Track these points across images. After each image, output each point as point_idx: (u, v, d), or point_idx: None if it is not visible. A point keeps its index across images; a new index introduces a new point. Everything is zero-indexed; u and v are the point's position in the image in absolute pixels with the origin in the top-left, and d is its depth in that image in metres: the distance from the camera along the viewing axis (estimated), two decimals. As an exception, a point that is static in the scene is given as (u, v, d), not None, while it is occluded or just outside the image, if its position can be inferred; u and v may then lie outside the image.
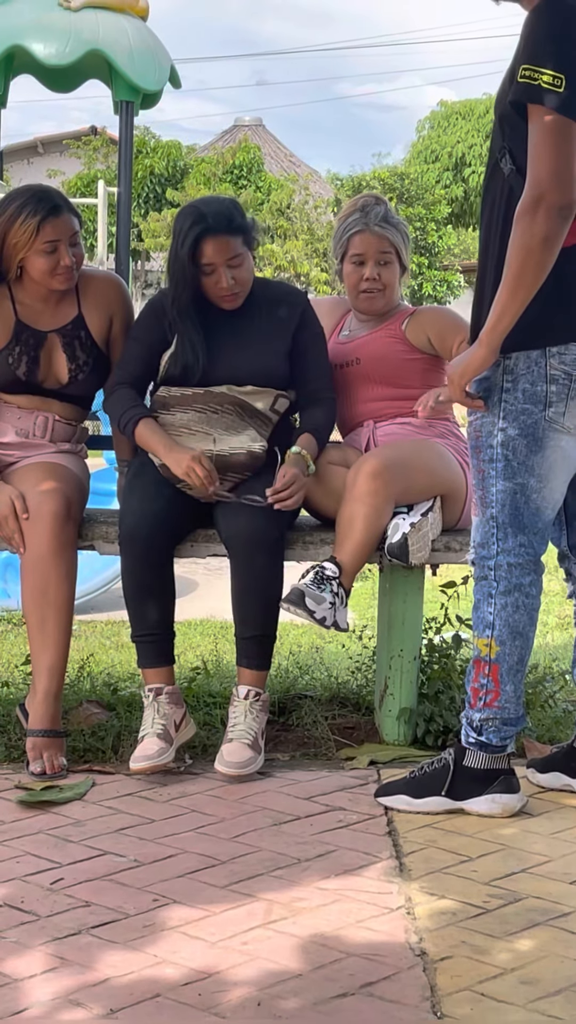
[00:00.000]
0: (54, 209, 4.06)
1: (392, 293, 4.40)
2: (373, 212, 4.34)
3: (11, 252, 4.07)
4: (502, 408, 3.44)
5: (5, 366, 4.17)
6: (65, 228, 4.07)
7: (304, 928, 2.88)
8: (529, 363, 3.41)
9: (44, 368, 4.20)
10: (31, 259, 4.07)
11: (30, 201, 4.05)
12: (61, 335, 4.21)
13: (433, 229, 25.15)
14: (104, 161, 25.67)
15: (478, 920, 2.92)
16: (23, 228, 4.02)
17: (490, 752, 3.58)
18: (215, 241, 4.00)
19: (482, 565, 3.55)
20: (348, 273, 4.37)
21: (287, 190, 24.47)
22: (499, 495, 3.48)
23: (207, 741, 4.15)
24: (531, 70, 3.20)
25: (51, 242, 4.04)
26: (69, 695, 4.41)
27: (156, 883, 3.12)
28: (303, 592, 3.87)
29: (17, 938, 2.83)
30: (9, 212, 4.05)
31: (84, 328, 4.23)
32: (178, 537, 4.06)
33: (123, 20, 9.70)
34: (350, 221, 4.36)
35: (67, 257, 4.07)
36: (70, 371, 4.22)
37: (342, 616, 3.93)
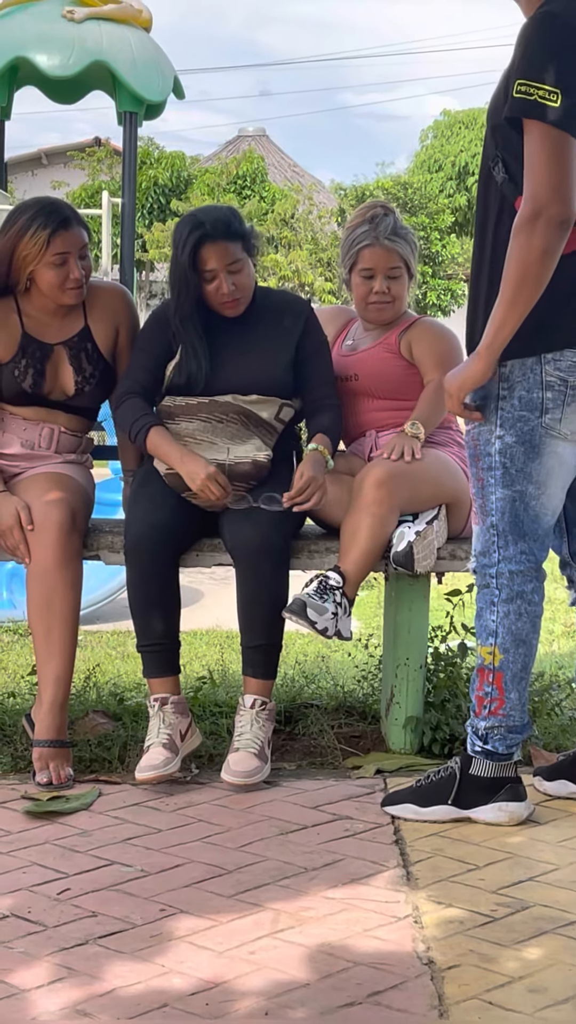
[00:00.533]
0: (64, 222, 4.06)
1: (401, 304, 4.39)
2: (383, 225, 4.31)
3: (20, 265, 4.07)
4: (499, 416, 3.44)
5: (11, 379, 4.17)
6: (75, 241, 4.07)
7: (311, 937, 2.87)
8: (525, 370, 3.41)
9: (50, 380, 4.20)
10: (40, 272, 4.07)
11: (40, 214, 4.05)
12: (67, 347, 4.21)
13: (437, 238, 25.18)
14: (108, 172, 25.70)
15: (486, 929, 2.92)
16: (33, 241, 4.02)
17: (496, 760, 3.58)
18: (214, 247, 4.01)
19: (484, 573, 3.55)
20: (357, 285, 4.36)
21: (291, 200, 24.48)
22: (498, 503, 3.48)
23: (213, 751, 4.14)
24: (527, 85, 3.21)
25: (61, 255, 4.04)
26: (75, 705, 4.41)
27: (163, 893, 3.12)
28: (304, 602, 3.87)
29: (24, 948, 2.83)
30: (19, 225, 4.05)
31: (91, 340, 4.24)
32: (183, 547, 4.06)
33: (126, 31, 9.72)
34: (359, 233, 4.33)
35: (76, 270, 4.07)
36: (76, 383, 4.22)
37: (345, 625, 3.93)
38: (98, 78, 9.81)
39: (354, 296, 4.40)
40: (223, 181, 25.73)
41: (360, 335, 4.47)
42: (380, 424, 4.33)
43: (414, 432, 4.09)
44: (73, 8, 9.62)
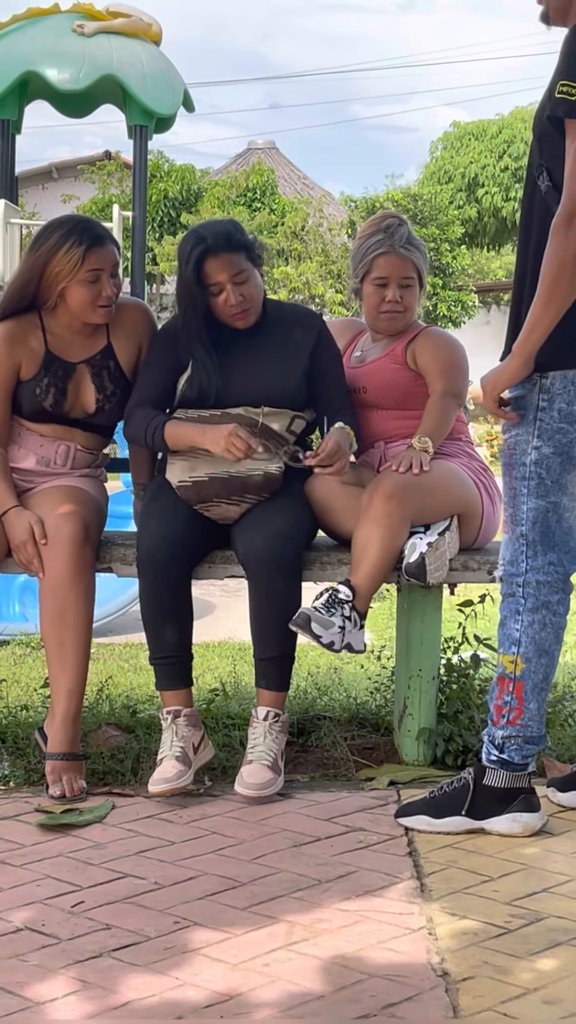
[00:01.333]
0: (98, 239, 4.06)
1: (412, 314, 4.40)
2: (398, 234, 4.32)
3: (52, 281, 4.07)
4: (537, 427, 3.44)
5: (32, 396, 4.17)
6: (108, 259, 4.07)
7: (325, 949, 2.87)
8: (565, 383, 3.42)
9: (71, 399, 4.20)
10: (72, 289, 4.07)
11: (75, 231, 4.05)
12: (90, 366, 4.21)
13: (447, 250, 25.18)
14: (118, 186, 25.77)
15: (500, 940, 2.91)
16: (67, 257, 4.02)
17: (511, 770, 3.57)
18: (217, 260, 4.02)
19: (510, 582, 3.54)
20: (369, 294, 4.37)
21: (301, 212, 24.51)
22: (530, 513, 3.48)
23: (226, 763, 4.14)
24: (569, 85, 3.21)
25: (94, 271, 4.04)
26: (88, 718, 4.41)
27: (177, 905, 3.12)
28: (309, 616, 3.84)
29: (39, 961, 2.83)
30: (52, 240, 4.05)
31: (113, 358, 4.24)
32: (196, 559, 4.06)
33: (136, 45, 9.77)
34: (373, 242, 4.34)
35: (109, 288, 4.07)
36: (97, 401, 4.22)
37: (355, 638, 3.90)
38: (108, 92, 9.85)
39: (365, 306, 4.41)
40: (233, 194, 25.78)
41: (368, 346, 4.48)
42: (389, 435, 4.33)
43: (423, 446, 4.09)
44: (83, 22, 9.67)
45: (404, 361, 4.33)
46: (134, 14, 9.93)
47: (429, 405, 4.25)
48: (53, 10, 9.88)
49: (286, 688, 4.05)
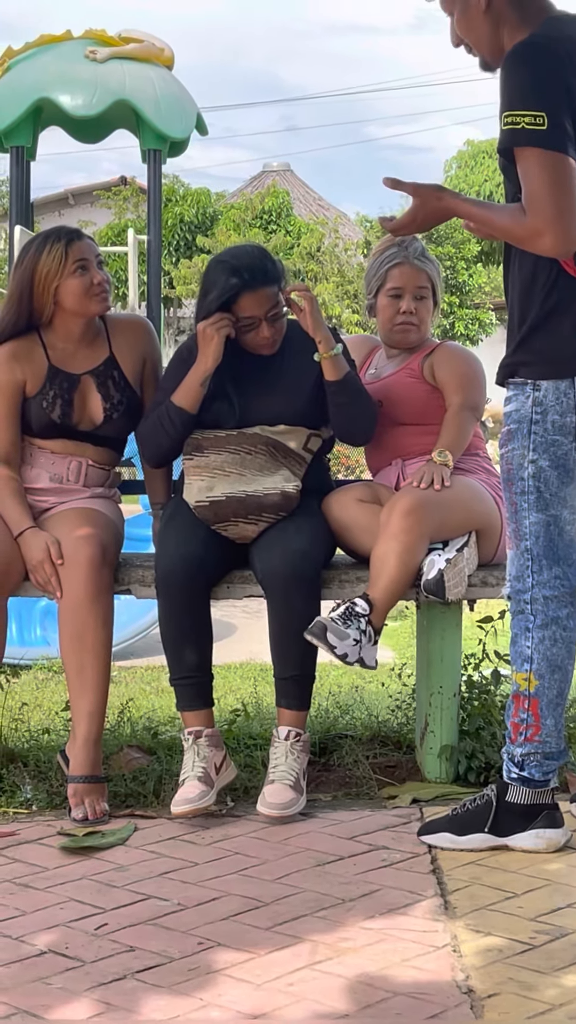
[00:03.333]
0: (75, 233, 4.21)
1: (426, 328, 4.41)
2: (412, 247, 4.37)
3: (44, 285, 4.14)
4: (532, 440, 3.44)
5: (40, 411, 4.20)
6: (89, 248, 4.19)
7: (350, 968, 2.86)
8: (558, 394, 3.41)
9: (78, 410, 4.24)
10: (65, 285, 4.14)
11: (51, 234, 4.20)
12: (94, 376, 4.25)
13: (463, 268, 25.19)
14: (134, 211, 25.84)
15: (525, 956, 2.90)
16: (52, 255, 4.12)
17: (533, 787, 3.56)
18: (254, 296, 4.04)
19: (518, 599, 3.54)
20: (383, 306, 4.39)
21: (316, 234, 24.57)
22: (532, 527, 3.48)
23: (248, 783, 4.14)
24: (512, 115, 3.25)
25: (80, 260, 4.14)
26: (109, 740, 4.41)
27: (200, 926, 3.11)
28: (326, 626, 3.84)
29: (63, 984, 2.82)
30: (34, 248, 4.17)
31: (117, 368, 4.28)
32: (214, 579, 4.06)
33: (149, 70, 9.79)
34: (388, 254, 4.37)
35: (99, 274, 4.16)
36: (105, 410, 4.25)
37: (369, 653, 3.90)
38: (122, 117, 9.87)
39: (379, 319, 4.42)
40: (248, 216, 25.84)
41: (383, 362, 4.49)
42: (406, 452, 4.33)
43: (443, 460, 4.09)
44: (95, 48, 9.69)
45: (421, 375, 4.33)
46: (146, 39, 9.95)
47: (447, 418, 4.25)
48: (65, 37, 9.90)
49: (307, 707, 4.05)
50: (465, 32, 3.53)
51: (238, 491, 4.03)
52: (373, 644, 3.91)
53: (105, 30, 9.97)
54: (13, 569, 4.07)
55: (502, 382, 3.55)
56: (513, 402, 3.49)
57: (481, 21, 3.47)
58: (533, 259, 3.40)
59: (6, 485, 4.16)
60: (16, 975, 2.88)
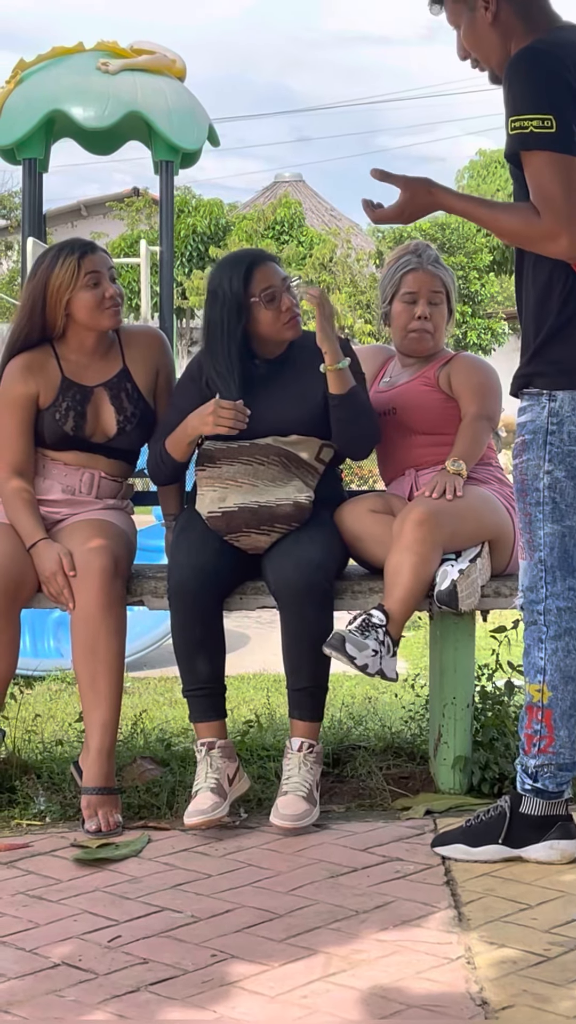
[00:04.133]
0: (88, 246, 4.22)
1: (440, 336, 4.42)
2: (426, 253, 4.39)
3: (57, 297, 4.16)
4: (547, 450, 3.44)
5: (53, 422, 4.21)
6: (103, 261, 4.20)
7: (364, 980, 2.86)
8: (574, 404, 3.41)
9: (91, 422, 4.24)
10: (77, 298, 4.15)
11: (64, 247, 4.21)
12: (107, 388, 4.26)
13: (475, 277, 25.18)
14: (147, 222, 25.90)
15: (539, 968, 2.89)
16: (64, 268, 4.14)
17: (546, 798, 3.55)
18: (266, 268, 4.13)
19: (531, 610, 3.53)
20: (398, 313, 4.39)
21: (329, 244, 24.58)
22: (547, 538, 3.47)
23: (262, 795, 4.13)
24: (519, 120, 3.25)
25: (93, 273, 4.15)
26: (123, 751, 4.41)
27: (214, 938, 3.11)
28: (344, 637, 3.84)
29: (76, 997, 2.82)
30: (47, 260, 4.19)
31: (130, 380, 4.29)
32: (227, 590, 4.06)
33: (161, 81, 9.81)
34: (403, 261, 4.40)
35: (111, 288, 4.17)
36: (118, 422, 4.26)
37: (388, 665, 3.90)
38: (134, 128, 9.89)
39: (393, 326, 4.43)
40: (261, 227, 25.86)
41: (398, 372, 4.49)
42: (419, 462, 4.33)
43: (456, 469, 4.09)
44: (107, 60, 9.71)
45: (436, 384, 4.33)
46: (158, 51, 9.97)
47: (462, 427, 4.25)
48: (78, 49, 9.92)
49: (320, 719, 4.04)
50: (473, 45, 3.53)
51: (250, 502, 4.03)
52: (392, 655, 3.90)
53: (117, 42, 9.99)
54: (27, 581, 4.07)
55: (516, 393, 3.54)
56: (528, 412, 3.49)
57: (488, 33, 3.48)
58: (549, 268, 3.40)
59: (19, 496, 4.16)
60: (30, 987, 2.87)
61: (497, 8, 3.45)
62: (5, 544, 4.07)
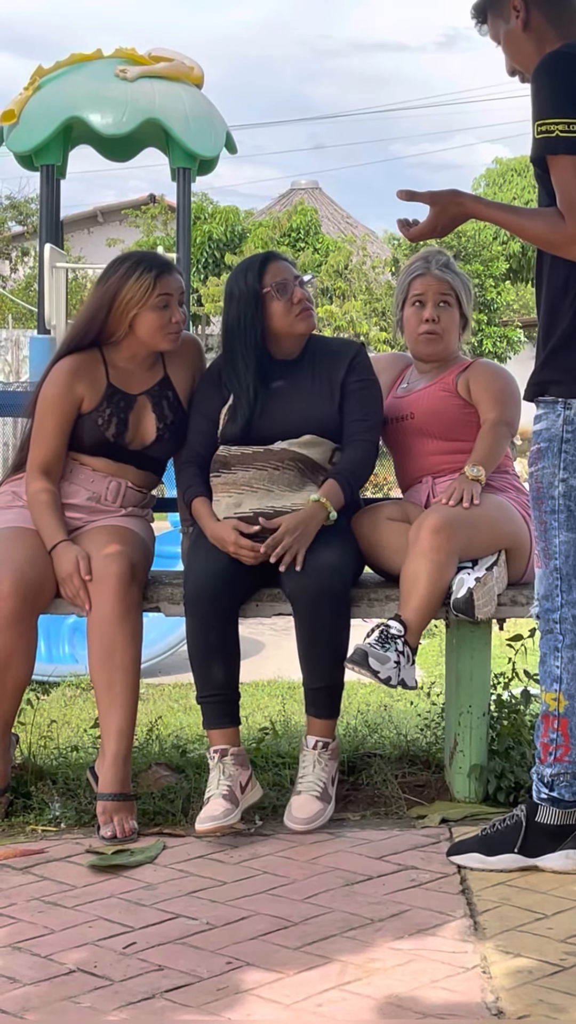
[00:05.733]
0: (166, 266, 4.21)
1: (451, 339, 4.40)
2: (435, 259, 4.40)
3: (124, 309, 4.15)
4: (563, 459, 3.43)
5: (94, 427, 4.21)
6: (176, 285, 4.19)
7: (379, 989, 2.85)
8: (589, 413, 3.41)
9: (132, 429, 4.25)
10: (143, 315, 4.15)
11: (143, 260, 4.21)
12: (150, 396, 4.27)
13: (491, 285, 25.17)
14: (163, 228, 25.94)
15: (555, 978, 2.88)
16: (138, 284, 4.13)
17: (563, 807, 3.54)
18: (279, 263, 4.21)
19: (547, 618, 3.52)
20: (408, 317, 4.40)
21: (344, 251, 24.57)
22: (562, 546, 3.46)
23: (277, 802, 4.12)
24: (546, 124, 3.26)
25: (164, 295, 4.14)
26: (138, 758, 4.41)
27: (229, 946, 3.11)
28: (366, 652, 3.84)
29: (91, 1003, 2.82)
30: (123, 270, 4.18)
31: (171, 388, 4.30)
32: (242, 596, 4.06)
33: (179, 88, 9.84)
34: (412, 268, 4.43)
35: (178, 313, 4.17)
36: (158, 430, 4.26)
37: (409, 674, 3.90)
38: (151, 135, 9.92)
39: (406, 332, 4.44)
40: (277, 234, 25.87)
41: (415, 378, 4.49)
42: (437, 470, 4.32)
43: (475, 475, 4.09)
44: (125, 67, 9.74)
45: (455, 390, 4.33)
46: (176, 58, 10.00)
47: (482, 433, 4.24)
48: (96, 55, 9.96)
49: (335, 716, 4.06)
50: (513, 56, 3.56)
51: (266, 507, 4.03)
52: (411, 664, 3.90)
53: (135, 49, 10.03)
54: (46, 587, 4.08)
55: (532, 399, 3.54)
56: (543, 420, 3.48)
57: (524, 41, 3.49)
58: (565, 273, 3.40)
59: (43, 497, 4.17)
60: (45, 994, 2.88)
61: (528, 15, 3.47)
62: (25, 549, 4.08)
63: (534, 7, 3.48)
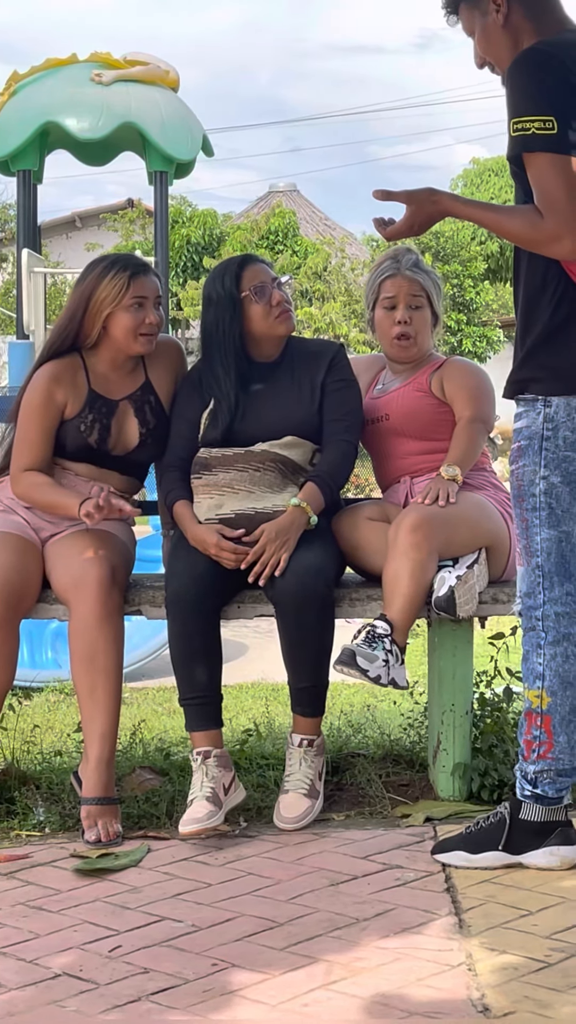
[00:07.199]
0: (143, 267, 4.20)
1: (424, 340, 4.41)
2: (405, 258, 4.39)
3: (97, 309, 4.14)
4: (543, 456, 3.44)
5: (77, 433, 4.20)
6: (152, 287, 4.18)
7: (365, 988, 2.85)
8: (570, 410, 3.41)
9: (115, 435, 4.24)
10: (117, 316, 4.14)
11: (119, 260, 4.21)
12: (132, 401, 4.26)
13: (470, 285, 25.20)
14: (142, 233, 25.92)
15: (540, 974, 2.89)
16: (112, 283, 4.12)
17: (546, 804, 3.55)
18: (256, 266, 4.20)
19: (529, 616, 3.53)
20: (380, 319, 4.40)
21: (323, 254, 24.57)
22: (544, 543, 3.47)
23: (261, 803, 4.13)
24: (521, 122, 3.26)
25: (139, 298, 4.13)
26: (122, 762, 4.40)
27: (214, 947, 3.10)
28: (354, 652, 3.85)
29: (77, 1007, 2.82)
30: (98, 270, 4.17)
31: (153, 393, 4.29)
32: (224, 598, 4.06)
33: (154, 92, 9.84)
34: (382, 268, 4.42)
35: (153, 315, 4.15)
36: (141, 435, 4.26)
37: (399, 673, 3.90)
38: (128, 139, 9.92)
39: (378, 333, 4.44)
40: (255, 237, 25.87)
41: (389, 379, 4.49)
42: (414, 470, 4.33)
43: (451, 475, 4.09)
44: (101, 71, 9.74)
45: (428, 389, 4.33)
46: (151, 62, 10.01)
47: (457, 431, 4.25)
48: (71, 60, 9.96)
49: (321, 713, 4.08)
50: (486, 50, 3.54)
51: (247, 508, 4.04)
52: (400, 663, 3.91)
53: (110, 53, 10.03)
54: (29, 590, 4.08)
55: (512, 396, 3.54)
56: (524, 418, 3.49)
57: (500, 36, 3.48)
58: (542, 271, 3.40)
59: (43, 480, 4.17)
60: (31, 998, 2.87)
61: (508, 11, 3.46)
62: (7, 554, 4.07)
63: (515, 2, 3.47)
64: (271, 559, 3.95)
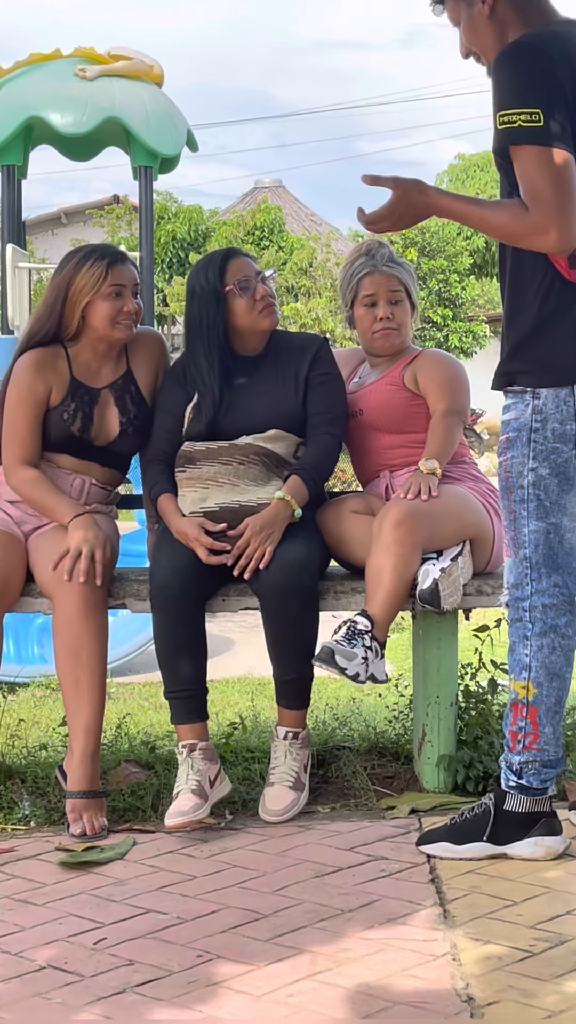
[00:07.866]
0: (120, 256, 4.21)
1: (406, 331, 4.41)
2: (379, 254, 4.38)
3: (76, 298, 4.15)
4: (532, 448, 3.44)
5: (60, 422, 4.20)
6: (129, 276, 4.19)
7: (350, 978, 2.86)
8: (558, 402, 3.42)
9: (97, 424, 4.24)
10: (95, 305, 4.14)
11: (96, 250, 4.22)
12: (112, 390, 4.26)
13: (456, 280, 25.21)
14: (127, 228, 25.87)
15: (524, 964, 2.90)
16: (91, 272, 4.13)
17: (531, 795, 3.56)
18: (240, 260, 4.20)
19: (516, 607, 3.53)
20: (361, 317, 4.39)
21: (309, 249, 24.56)
22: (532, 535, 3.47)
23: (247, 796, 4.13)
24: (508, 115, 3.26)
25: (117, 286, 4.14)
26: (107, 755, 4.41)
27: (200, 939, 3.11)
28: (333, 650, 3.84)
29: (63, 999, 2.82)
30: (75, 260, 4.18)
31: (134, 383, 4.29)
32: (209, 591, 4.07)
33: (139, 87, 9.82)
34: (357, 265, 4.39)
35: (131, 303, 4.16)
36: (121, 424, 4.26)
37: (378, 668, 3.90)
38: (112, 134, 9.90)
39: (359, 330, 4.43)
40: (241, 233, 25.86)
41: (367, 372, 4.49)
42: (392, 464, 4.33)
43: (430, 469, 4.09)
44: (85, 66, 9.72)
45: (401, 383, 4.33)
46: (136, 56, 9.98)
47: (432, 425, 4.25)
48: (55, 55, 9.93)
49: (306, 706, 4.09)
50: (471, 40, 3.54)
51: (232, 501, 4.04)
52: (380, 658, 3.91)
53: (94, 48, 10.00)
54: (12, 585, 4.08)
55: (500, 388, 3.54)
56: (512, 410, 3.49)
57: (486, 27, 3.48)
58: (529, 263, 3.41)
59: (41, 481, 4.17)
60: (16, 991, 2.87)
61: (494, 2, 3.46)
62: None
63: None
64: (256, 552, 3.95)
